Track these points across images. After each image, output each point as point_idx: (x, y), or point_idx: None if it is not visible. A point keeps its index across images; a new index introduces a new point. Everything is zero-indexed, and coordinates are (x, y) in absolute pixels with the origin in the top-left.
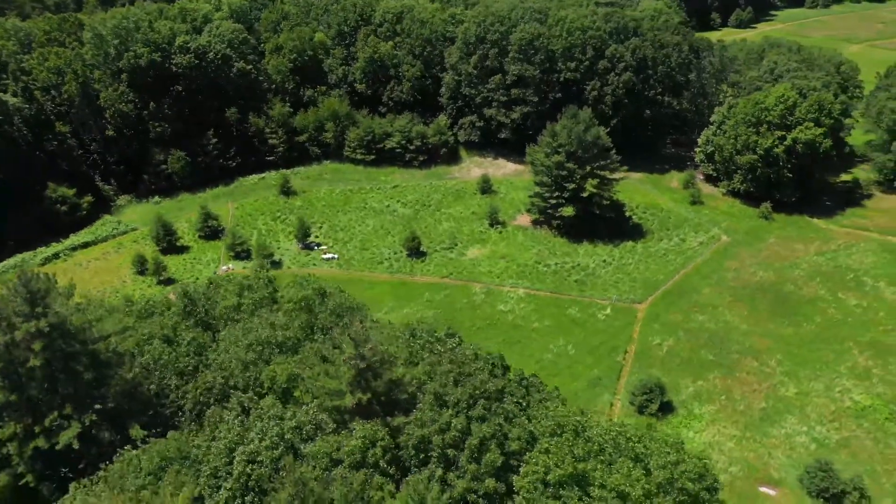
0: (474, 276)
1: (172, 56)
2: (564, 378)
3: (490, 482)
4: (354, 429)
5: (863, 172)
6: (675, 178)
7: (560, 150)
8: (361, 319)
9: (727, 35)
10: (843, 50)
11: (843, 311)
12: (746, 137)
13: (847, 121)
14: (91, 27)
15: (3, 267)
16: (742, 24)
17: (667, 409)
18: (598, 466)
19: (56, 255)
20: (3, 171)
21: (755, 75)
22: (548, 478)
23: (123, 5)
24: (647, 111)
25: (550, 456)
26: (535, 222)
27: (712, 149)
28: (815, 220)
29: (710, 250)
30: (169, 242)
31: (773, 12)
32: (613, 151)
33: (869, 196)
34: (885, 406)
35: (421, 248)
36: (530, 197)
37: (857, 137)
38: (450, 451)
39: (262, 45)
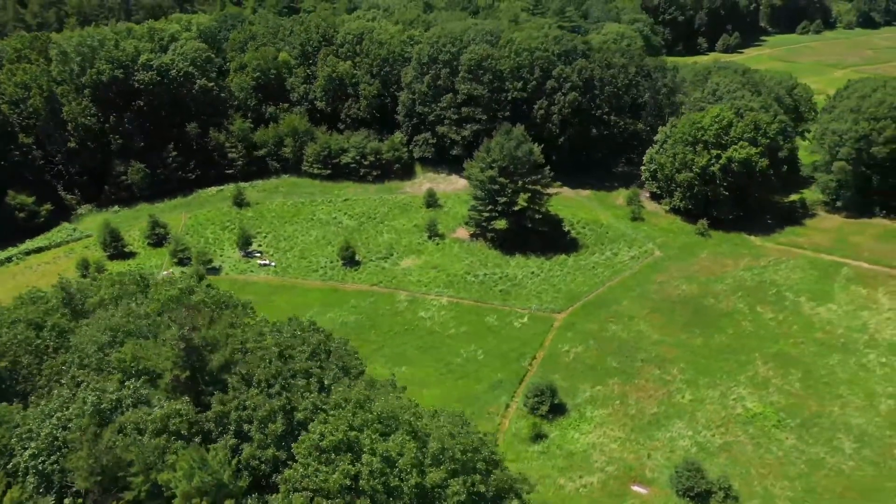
0: (403, 285)
1: (135, 73)
2: (469, 381)
3: (271, 450)
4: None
5: (812, 193)
6: (621, 196)
7: (493, 165)
8: (200, 308)
9: (712, 60)
10: (828, 74)
11: (756, 324)
12: (683, 156)
13: (803, 143)
14: (56, 45)
15: None
16: (729, 49)
17: (559, 410)
18: (372, 436)
19: (9, 259)
20: None
21: (699, 96)
22: (322, 444)
23: (98, 25)
24: (594, 130)
25: (326, 425)
26: (473, 235)
27: (655, 167)
28: (752, 238)
29: (640, 264)
30: (116, 248)
31: (763, 38)
32: (548, 168)
33: (812, 216)
34: (774, 414)
35: (356, 258)
36: (469, 211)
37: (809, 158)
38: (245, 426)
39: (227, 63)
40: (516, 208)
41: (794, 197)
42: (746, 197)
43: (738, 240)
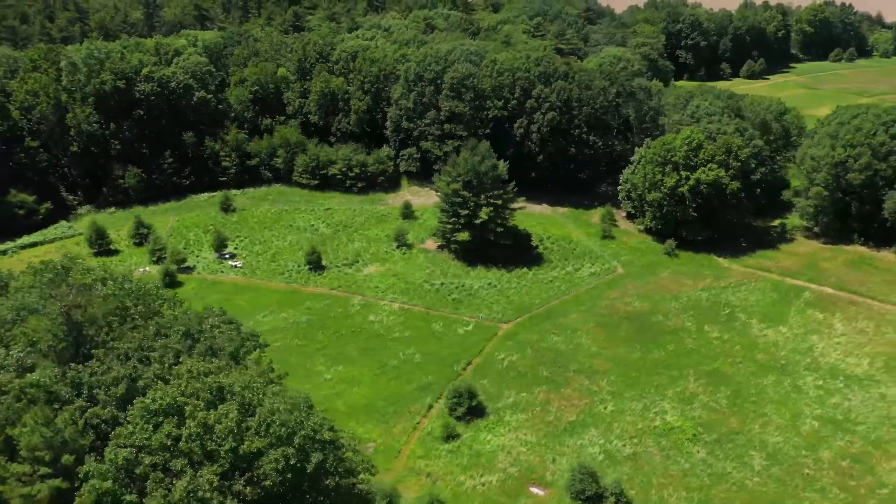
0: (360, 290)
1: (137, 84)
2: (400, 382)
3: (109, 409)
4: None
5: (795, 218)
6: (597, 214)
7: (458, 179)
8: (84, 289)
9: (735, 86)
10: (851, 102)
11: (699, 342)
12: (653, 176)
13: (792, 168)
14: (66, 56)
15: None
16: (753, 76)
17: (479, 413)
18: (199, 404)
19: (4, 252)
20: None
21: (677, 118)
22: (151, 407)
23: (117, 39)
24: (572, 149)
25: (159, 391)
26: (440, 247)
27: (629, 187)
28: (720, 259)
29: (598, 281)
30: (101, 246)
31: (792, 65)
32: (512, 184)
33: (790, 240)
34: (692, 428)
35: (322, 263)
36: (438, 223)
37: (797, 183)
38: (96, 391)
39: (229, 77)
40: (478, 221)
41: (777, 221)
42: (717, 219)
43: (704, 261)
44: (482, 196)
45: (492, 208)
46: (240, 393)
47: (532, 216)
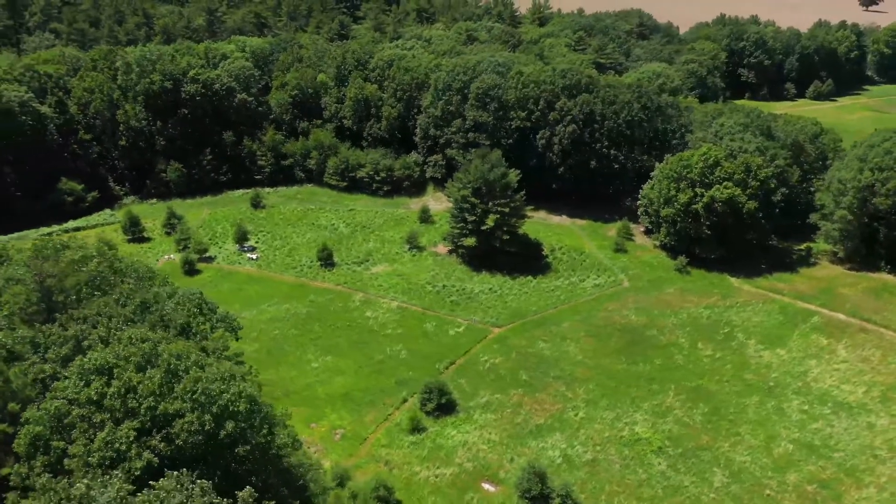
0: (364, 287)
1: (183, 85)
2: (382, 376)
3: (49, 365)
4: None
5: (825, 243)
6: (614, 228)
7: (468, 185)
8: (55, 261)
9: (799, 106)
10: None
11: (689, 359)
12: (668, 192)
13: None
14: (122, 57)
15: (10, 237)
16: (820, 97)
17: (449, 410)
18: (129, 367)
19: (50, 234)
20: (31, 165)
21: (701, 136)
22: (86, 365)
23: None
24: (594, 162)
25: (96, 353)
26: (450, 251)
27: (647, 202)
28: (732, 279)
29: (601, 292)
30: (134, 234)
31: (866, 87)
32: (522, 193)
33: (813, 264)
34: (660, 441)
35: (332, 260)
36: (449, 227)
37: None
38: (50, 350)
39: (271, 81)
40: (485, 227)
41: (804, 245)
42: (732, 238)
43: (716, 279)
44: (490, 203)
45: (499, 215)
46: (167, 360)
47: (549, 227)
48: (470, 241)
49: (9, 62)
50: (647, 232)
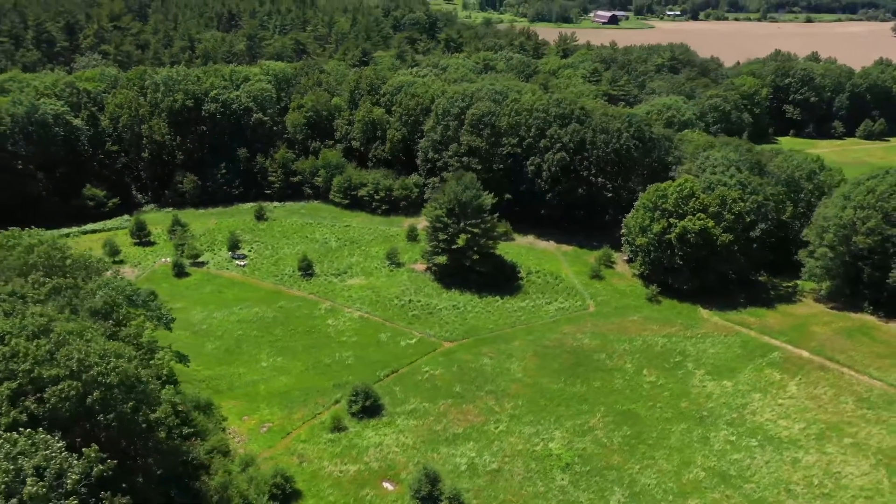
0: (333, 297)
1: (204, 103)
2: (324, 378)
3: None
4: None
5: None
6: (595, 255)
7: (442, 206)
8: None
9: (847, 145)
10: None
11: (629, 384)
12: (643, 221)
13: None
14: (150, 76)
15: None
16: (871, 136)
17: (374, 413)
18: (21, 336)
19: (68, 235)
20: (62, 171)
21: (686, 168)
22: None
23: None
24: (581, 190)
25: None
26: (427, 268)
27: (627, 231)
28: (703, 310)
29: (562, 315)
30: (140, 238)
31: None
32: (496, 215)
33: (795, 301)
34: (570, 457)
35: (311, 271)
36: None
37: None
38: None
39: (290, 102)
40: (455, 247)
41: (793, 282)
42: (706, 270)
43: (685, 310)
44: (462, 223)
45: (470, 235)
46: (58, 334)
47: (533, 251)
48: (441, 259)
49: (53, 79)
50: (629, 261)
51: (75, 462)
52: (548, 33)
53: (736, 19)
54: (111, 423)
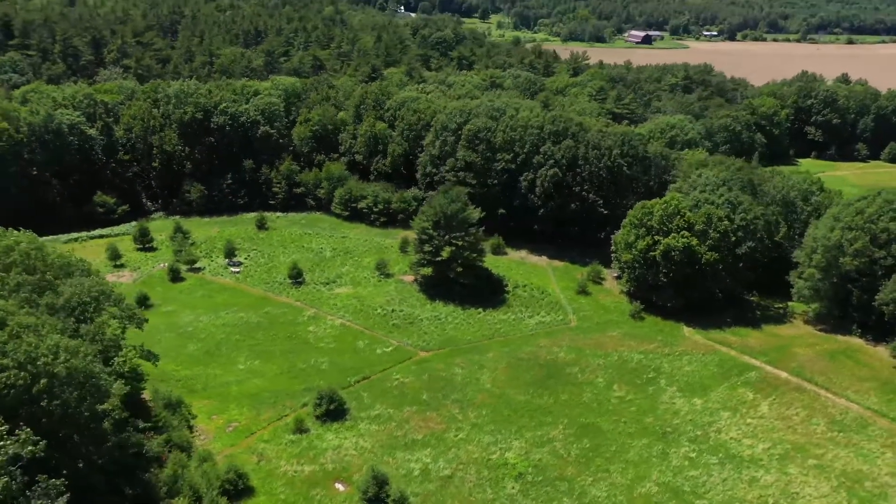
0: (318, 305)
1: (213, 116)
2: (296, 381)
3: None
4: None
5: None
6: (584, 271)
7: (429, 218)
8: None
9: (871, 168)
10: None
11: (597, 398)
12: (629, 238)
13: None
14: (163, 89)
15: (42, 240)
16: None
17: (339, 416)
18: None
19: (77, 239)
20: (76, 178)
21: (677, 186)
22: None
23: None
24: (573, 205)
25: None
26: (415, 279)
27: (615, 247)
28: (686, 328)
29: (542, 329)
30: (143, 243)
31: None
32: (482, 228)
33: (783, 322)
34: (525, 467)
35: (301, 279)
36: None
37: None
38: None
39: (298, 116)
40: (439, 259)
41: (787, 302)
42: (691, 288)
43: (667, 327)
44: (447, 236)
45: (454, 248)
46: (13, 327)
47: (524, 265)
48: (426, 270)
49: (72, 91)
50: (618, 277)
51: (8, 442)
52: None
53: (774, 40)
54: (54, 410)
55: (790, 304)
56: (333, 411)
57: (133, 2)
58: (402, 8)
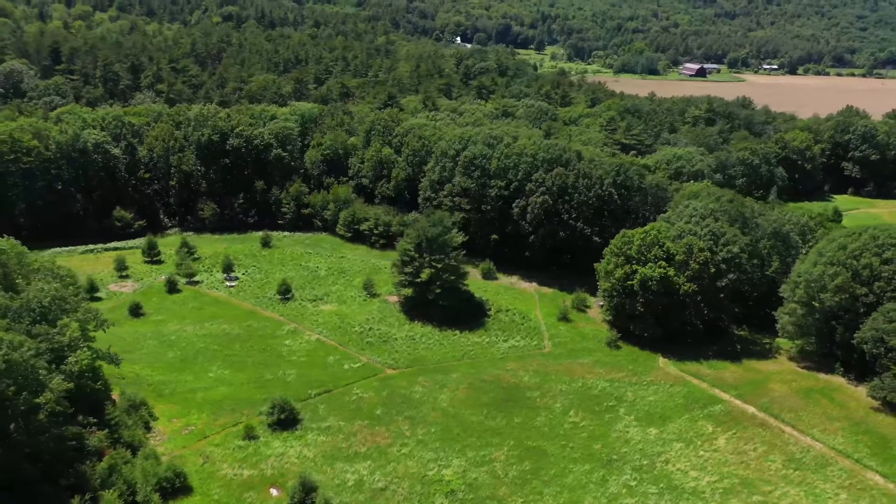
0: (299, 320)
1: (229, 138)
2: (258, 391)
3: None
4: None
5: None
6: (569, 298)
7: (411, 241)
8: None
9: None
10: None
11: (550, 423)
12: (608, 266)
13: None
14: (185, 113)
15: (61, 250)
16: None
17: (289, 425)
18: None
19: (92, 250)
20: (99, 194)
21: (666, 216)
22: None
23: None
24: (562, 233)
25: None
26: (399, 300)
27: (598, 275)
28: (662, 359)
29: (514, 353)
30: (151, 256)
31: None
32: (463, 252)
33: (766, 357)
34: (459, 485)
35: (290, 295)
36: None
37: None
38: None
39: (310, 140)
40: (419, 280)
41: (775, 339)
42: (670, 318)
43: (642, 357)
44: (428, 258)
45: (433, 270)
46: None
47: (511, 290)
48: (407, 291)
49: (103, 112)
50: (602, 306)
51: None
52: (630, 85)
53: (838, 74)
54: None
55: (778, 339)
56: (285, 420)
57: (188, 31)
58: (459, 39)
